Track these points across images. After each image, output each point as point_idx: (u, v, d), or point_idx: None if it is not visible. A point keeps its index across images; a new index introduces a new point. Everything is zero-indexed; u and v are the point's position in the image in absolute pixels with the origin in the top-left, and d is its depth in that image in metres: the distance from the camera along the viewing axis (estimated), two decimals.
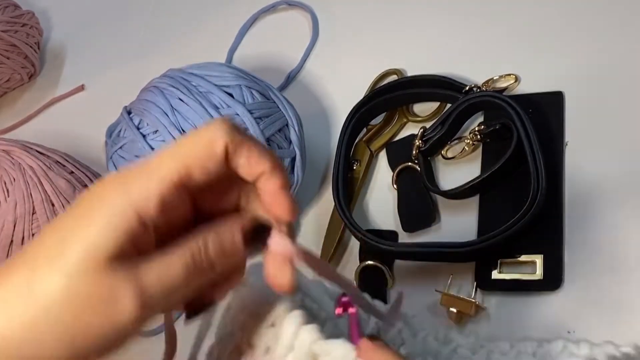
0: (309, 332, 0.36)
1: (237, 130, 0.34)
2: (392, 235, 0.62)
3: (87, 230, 0.32)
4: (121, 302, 0.31)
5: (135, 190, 0.32)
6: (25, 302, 0.31)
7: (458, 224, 0.60)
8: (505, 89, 0.64)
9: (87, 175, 0.68)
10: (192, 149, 0.33)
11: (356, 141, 0.67)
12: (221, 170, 0.34)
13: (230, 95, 0.60)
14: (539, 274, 0.55)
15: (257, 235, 0.36)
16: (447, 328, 0.48)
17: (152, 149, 0.58)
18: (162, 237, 0.34)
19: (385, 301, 0.59)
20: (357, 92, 0.69)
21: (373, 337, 0.36)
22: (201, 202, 0.36)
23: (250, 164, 0.34)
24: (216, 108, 0.59)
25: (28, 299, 0.31)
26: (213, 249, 0.34)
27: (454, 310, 0.55)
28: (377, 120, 0.68)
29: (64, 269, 0.31)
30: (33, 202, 0.62)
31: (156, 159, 0.33)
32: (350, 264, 0.62)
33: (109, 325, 0.32)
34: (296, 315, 0.37)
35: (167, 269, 0.33)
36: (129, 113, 0.62)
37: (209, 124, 0.34)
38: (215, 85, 0.61)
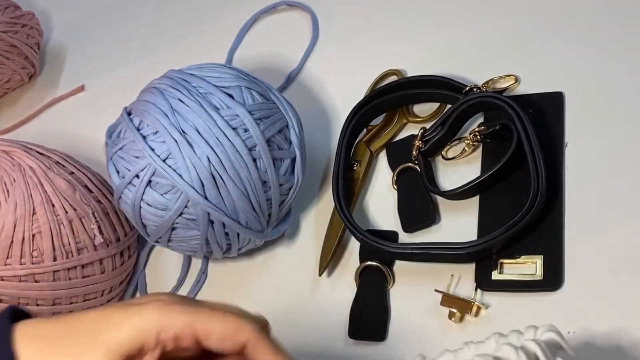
0: None
1: (264, 331, 0.40)
2: (392, 235, 0.62)
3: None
4: None
5: (168, 317, 0.38)
6: None
7: (458, 224, 0.60)
8: (505, 89, 0.64)
9: (87, 176, 0.68)
10: (217, 323, 0.39)
11: (356, 142, 0.67)
12: (235, 351, 0.39)
13: (230, 96, 0.60)
14: (539, 274, 0.55)
15: None
16: None
17: (152, 149, 0.58)
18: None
19: (385, 301, 0.59)
20: (357, 93, 0.69)
21: None
22: None
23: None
24: (216, 109, 0.59)
25: None
26: None
27: (454, 310, 0.55)
28: (377, 120, 0.68)
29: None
30: (33, 203, 0.62)
31: (188, 308, 0.39)
32: (350, 264, 0.62)
33: None
34: None
35: None
36: (129, 114, 0.62)
37: (244, 316, 0.40)
38: (215, 86, 0.61)
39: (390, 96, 0.67)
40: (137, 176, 0.59)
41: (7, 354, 0.37)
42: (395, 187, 0.64)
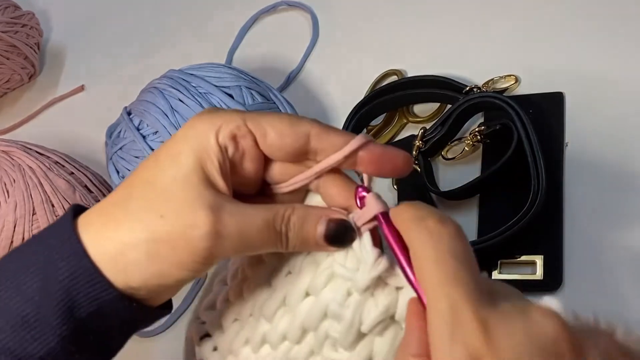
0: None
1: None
2: None
3: (177, 151, 0.34)
4: (198, 230, 0.33)
5: (220, 117, 0.35)
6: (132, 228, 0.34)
7: None
8: (505, 89, 0.64)
9: (87, 176, 0.68)
10: (271, 119, 0.35)
11: None
12: (297, 147, 0.35)
13: (230, 96, 0.60)
14: (539, 274, 0.55)
15: (340, 235, 0.36)
16: None
17: (152, 149, 0.58)
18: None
19: None
20: (357, 93, 0.69)
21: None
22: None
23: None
24: None
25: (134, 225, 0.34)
26: (295, 222, 0.35)
27: None
28: (378, 120, 0.68)
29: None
30: (33, 203, 0.62)
31: (236, 111, 0.36)
32: None
33: (181, 253, 0.33)
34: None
35: (248, 217, 0.34)
36: (129, 114, 0.62)
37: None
38: (215, 86, 0.61)
39: (390, 96, 0.67)
40: None
41: (69, 232, 0.34)
42: (395, 187, 0.64)
